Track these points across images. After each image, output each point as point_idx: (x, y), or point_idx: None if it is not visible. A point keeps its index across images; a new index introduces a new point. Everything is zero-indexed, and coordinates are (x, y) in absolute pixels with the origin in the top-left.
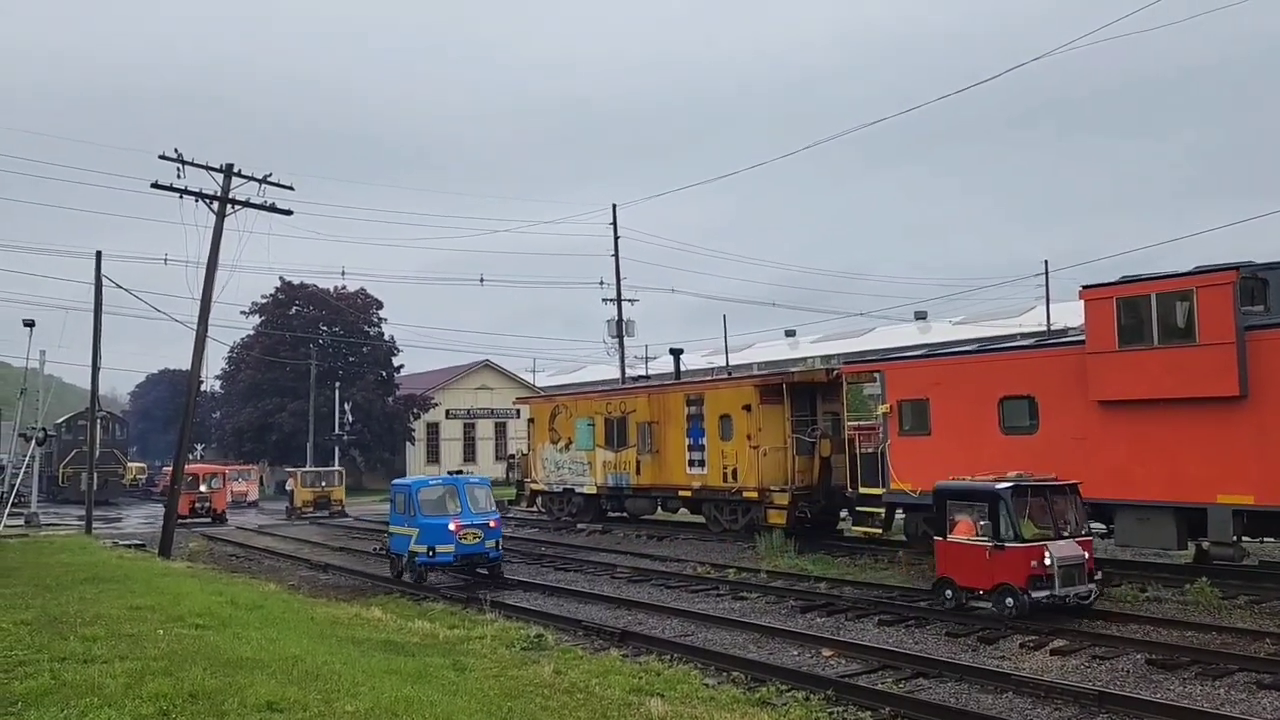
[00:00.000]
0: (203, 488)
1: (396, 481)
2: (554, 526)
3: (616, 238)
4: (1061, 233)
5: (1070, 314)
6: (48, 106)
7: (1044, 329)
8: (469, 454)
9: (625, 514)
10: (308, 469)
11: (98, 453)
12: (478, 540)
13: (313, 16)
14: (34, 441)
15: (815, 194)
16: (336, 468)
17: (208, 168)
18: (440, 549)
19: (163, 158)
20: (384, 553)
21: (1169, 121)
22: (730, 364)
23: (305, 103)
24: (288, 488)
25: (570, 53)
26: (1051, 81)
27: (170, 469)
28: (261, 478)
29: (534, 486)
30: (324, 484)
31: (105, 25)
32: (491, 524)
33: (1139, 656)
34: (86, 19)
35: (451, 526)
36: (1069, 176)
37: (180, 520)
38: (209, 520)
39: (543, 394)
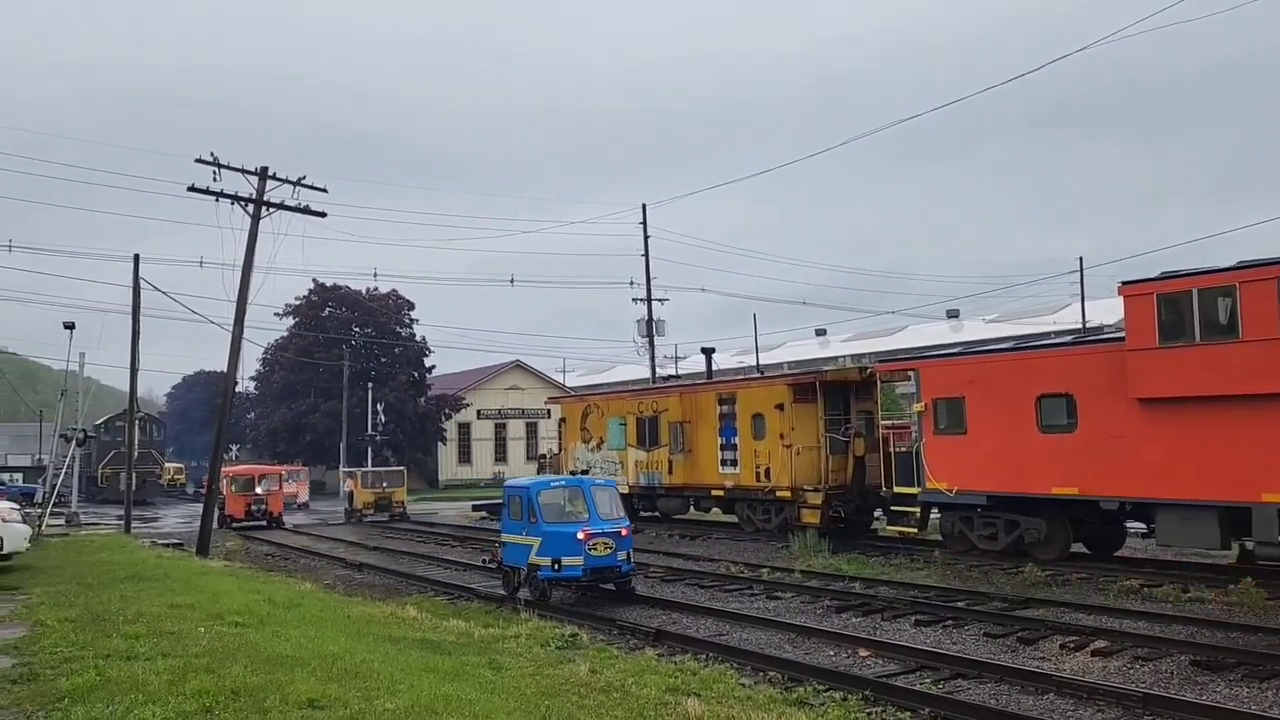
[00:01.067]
0: (258, 489)
1: (510, 483)
2: None
3: (646, 237)
4: (1098, 230)
5: (1105, 311)
6: (84, 112)
7: (1079, 326)
8: (500, 454)
9: (657, 513)
10: (368, 469)
11: (135, 453)
12: (609, 551)
13: (345, 19)
14: (74, 442)
15: (851, 194)
16: (398, 468)
17: (243, 171)
18: (567, 562)
19: (199, 161)
20: (494, 565)
21: (1207, 117)
22: (760, 363)
23: (338, 105)
24: (346, 488)
25: (603, 53)
26: (1089, 77)
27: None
28: None
29: None
30: (385, 485)
31: (142, 29)
32: (623, 532)
33: (1183, 658)
34: (123, 24)
35: (580, 535)
36: (1105, 173)
37: (234, 523)
38: (264, 524)
39: (574, 394)
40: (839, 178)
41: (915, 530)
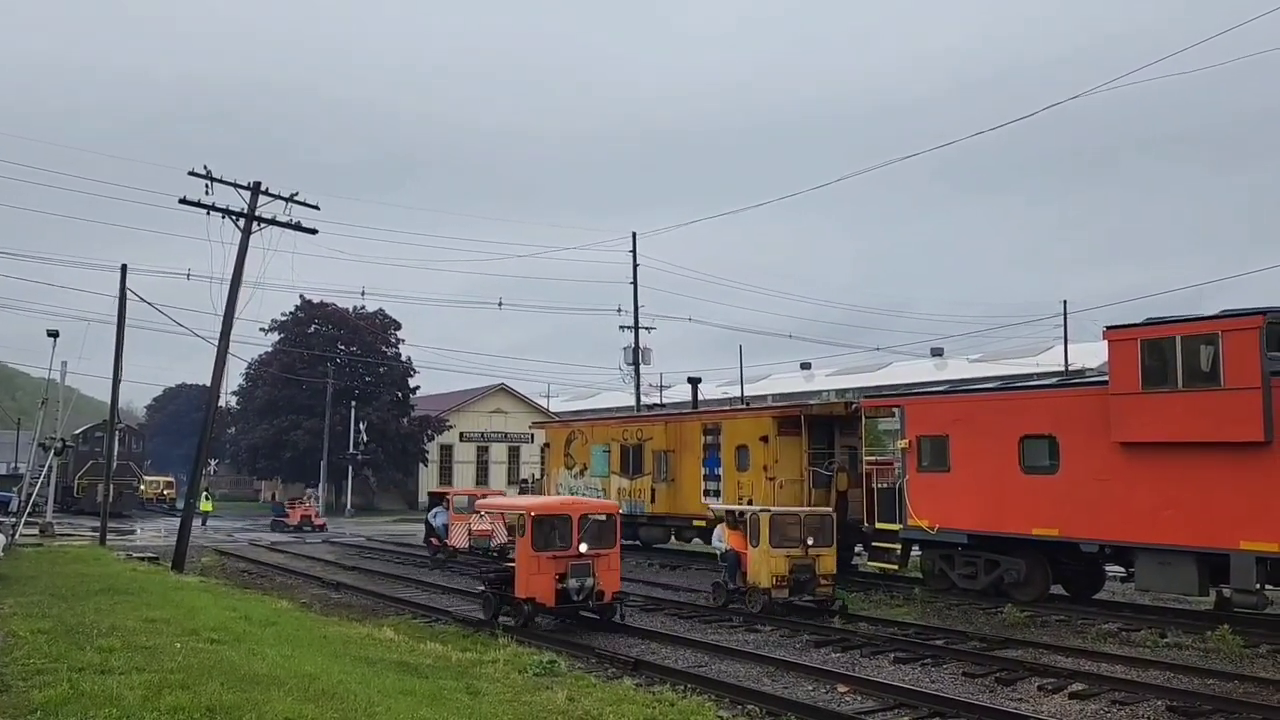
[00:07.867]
0: (583, 546)
1: None
2: None
3: (635, 265)
4: (1111, 274)
5: (1088, 355)
6: (77, 120)
7: (1061, 369)
8: (482, 477)
9: (639, 542)
10: (779, 510)
11: (114, 465)
12: None
13: (342, 36)
14: (52, 452)
15: (868, 227)
16: (823, 509)
17: (235, 185)
18: None
19: (192, 174)
20: None
21: (1232, 163)
22: (745, 395)
23: (334, 123)
24: (720, 544)
25: (623, 77)
26: (1112, 121)
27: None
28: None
29: None
30: (812, 542)
31: (140, 42)
32: None
33: (1159, 703)
34: (124, 34)
35: None
36: (1122, 217)
37: (538, 614)
38: (592, 613)
39: (558, 419)
40: (865, 213)
41: (896, 567)
